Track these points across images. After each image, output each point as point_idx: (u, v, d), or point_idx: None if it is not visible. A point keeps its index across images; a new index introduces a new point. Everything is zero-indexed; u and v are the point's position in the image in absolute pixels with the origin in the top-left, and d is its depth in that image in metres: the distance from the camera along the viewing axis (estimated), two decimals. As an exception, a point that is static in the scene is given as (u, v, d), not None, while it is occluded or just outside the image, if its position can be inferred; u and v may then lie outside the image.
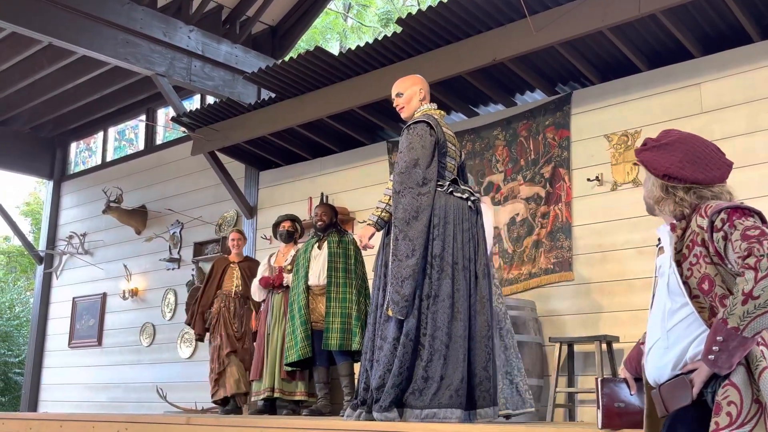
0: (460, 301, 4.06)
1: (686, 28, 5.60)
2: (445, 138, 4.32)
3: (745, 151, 5.28)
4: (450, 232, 4.13)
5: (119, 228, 10.38)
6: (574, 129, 6.27)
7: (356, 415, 4.11)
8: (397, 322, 4.02)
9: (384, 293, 4.14)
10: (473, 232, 4.24)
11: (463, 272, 4.11)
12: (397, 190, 4.14)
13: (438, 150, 4.23)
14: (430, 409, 3.91)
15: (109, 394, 10.05)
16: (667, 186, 2.27)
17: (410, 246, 4.00)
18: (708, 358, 1.99)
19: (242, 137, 8.08)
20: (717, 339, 1.97)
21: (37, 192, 21.11)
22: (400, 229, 4.04)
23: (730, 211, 2.10)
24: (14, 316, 15.93)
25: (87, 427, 5.18)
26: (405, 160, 4.15)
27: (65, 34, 7.67)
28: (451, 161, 4.37)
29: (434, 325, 3.99)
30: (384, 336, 4.05)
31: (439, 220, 4.13)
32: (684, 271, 2.16)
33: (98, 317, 10.55)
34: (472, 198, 4.31)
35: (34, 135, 11.80)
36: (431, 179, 4.15)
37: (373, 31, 18.69)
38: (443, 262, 4.07)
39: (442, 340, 3.97)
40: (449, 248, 4.10)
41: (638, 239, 5.71)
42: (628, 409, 2.46)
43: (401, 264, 3.99)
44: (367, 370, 4.19)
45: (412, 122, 4.33)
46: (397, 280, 3.98)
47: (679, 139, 2.31)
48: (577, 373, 5.79)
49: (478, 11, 5.90)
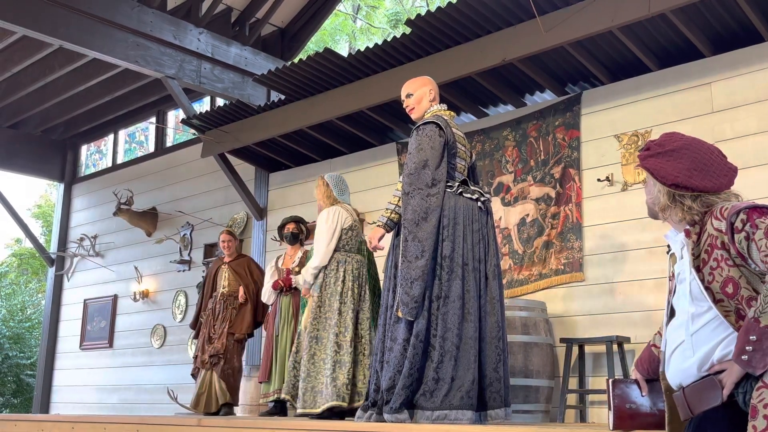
0: (471, 302, 4.05)
1: (697, 28, 5.57)
2: (455, 139, 4.32)
3: (756, 151, 5.25)
4: (460, 233, 4.13)
5: (130, 230, 10.42)
6: (584, 129, 6.25)
7: (367, 416, 4.11)
8: (407, 323, 4.01)
9: (394, 294, 4.13)
10: (483, 233, 4.24)
11: (474, 273, 4.11)
12: (407, 192, 4.14)
13: (447, 151, 4.23)
14: (441, 410, 3.91)
15: (120, 395, 10.08)
16: (675, 195, 2.24)
17: (419, 247, 3.99)
18: (741, 359, 1.96)
19: (252, 139, 8.10)
20: (750, 338, 1.95)
21: (48, 194, 21.22)
22: (410, 231, 4.04)
23: (749, 211, 2.08)
24: (26, 318, 16.01)
25: (98, 429, 5.20)
26: (414, 161, 4.16)
27: (76, 37, 7.71)
28: (461, 162, 4.36)
29: (444, 326, 3.98)
30: (394, 337, 4.04)
31: (449, 221, 4.12)
32: (705, 276, 2.13)
33: (109, 319, 10.59)
34: (482, 199, 4.31)
35: (45, 138, 11.87)
36: (440, 180, 4.14)
37: (382, 33, 18.70)
38: (453, 263, 4.07)
39: (452, 341, 3.96)
40: (459, 249, 4.10)
41: (649, 239, 5.69)
42: (639, 410, 2.44)
43: (410, 265, 3.98)
44: (377, 371, 4.19)
45: (421, 123, 4.33)
46: (406, 281, 3.98)
47: (684, 145, 2.28)
48: (588, 374, 5.77)
49: (487, 12, 5.89)
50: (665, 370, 2.26)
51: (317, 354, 5.09)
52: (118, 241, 10.79)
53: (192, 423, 4.70)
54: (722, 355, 2.07)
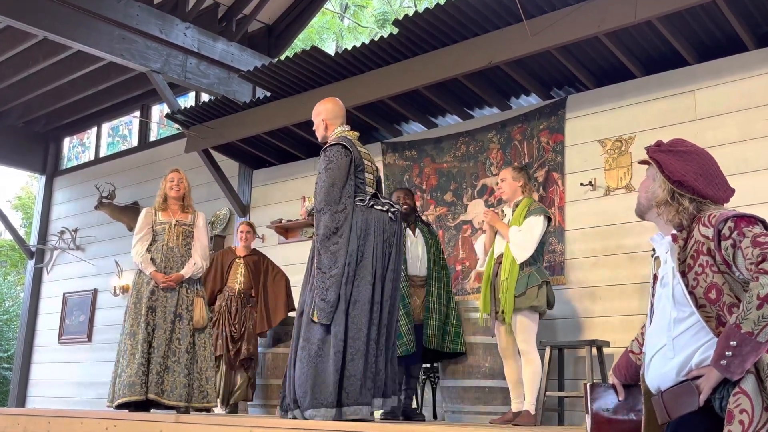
0: (376, 306, 4.38)
1: (682, 35, 5.61)
2: (361, 156, 4.62)
3: (737, 160, 5.30)
4: (371, 243, 4.45)
5: (111, 224, 10.34)
6: (569, 133, 6.29)
7: (291, 415, 4.34)
8: (322, 326, 4.31)
9: (310, 300, 4.43)
10: (391, 242, 4.55)
11: (380, 279, 4.45)
12: (318, 209, 4.47)
13: (355, 168, 4.54)
14: (358, 405, 4.22)
15: (98, 390, 10.00)
16: (675, 193, 2.27)
17: (332, 259, 4.34)
18: (720, 364, 1.98)
19: (236, 135, 8.07)
20: (730, 344, 1.96)
21: (29, 186, 21.04)
22: (322, 245, 4.38)
23: (736, 219, 2.11)
24: (4, 311, 15.89)
25: (75, 424, 5.16)
26: (323, 180, 4.47)
27: (60, 28, 7.64)
28: (369, 176, 4.67)
29: (356, 327, 4.30)
30: (309, 338, 4.33)
31: (361, 232, 4.44)
32: (690, 281, 2.15)
33: (89, 313, 10.52)
34: (392, 210, 4.61)
35: (27, 129, 11.76)
36: (347, 196, 4.47)
37: (370, 32, 18.70)
38: (364, 271, 4.39)
39: (362, 341, 4.28)
40: (369, 257, 4.41)
41: (631, 244, 5.73)
42: (616, 415, 2.46)
43: (324, 276, 4.33)
44: (291, 371, 4.44)
45: (328, 145, 4.62)
46: (321, 289, 4.31)
47: (695, 151, 2.33)
48: (567, 378, 5.79)
49: (474, 14, 5.90)
50: (645, 373, 2.28)
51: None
52: (99, 235, 10.72)
53: (170, 419, 4.68)
54: (701, 359, 2.09)
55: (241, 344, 6.52)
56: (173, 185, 5.80)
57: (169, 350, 5.44)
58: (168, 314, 5.50)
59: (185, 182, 5.90)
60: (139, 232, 5.74)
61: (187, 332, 5.53)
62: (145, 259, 5.61)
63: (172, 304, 5.54)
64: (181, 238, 5.73)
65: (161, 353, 5.38)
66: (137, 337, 5.41)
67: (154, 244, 5.70)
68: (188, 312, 5.59)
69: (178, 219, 5.75)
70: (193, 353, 5.54)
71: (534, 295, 4.71)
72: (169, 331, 5.45)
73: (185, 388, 5.39)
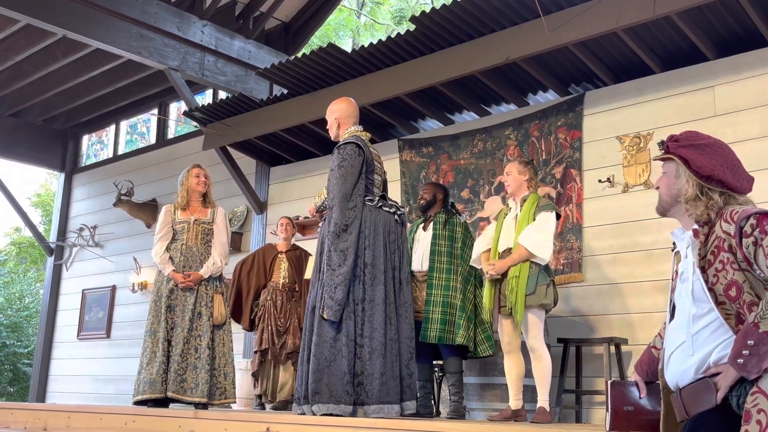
0: (390, 306, 4.43)
1: (701, 31, 5.57)
2: (372, 157, 4.67)
3: (758, 156, 5.26)
4: (380, 243, 4.49)
5: (130, 221, 10.42)
6: (586, 130, 6.26)
7: (299, 411, 4.37)
8: (332, 324, 4.32)
9: (320, 296, 4.43)
10: (398, 243, 4.62)
11: (392, 280, 4.49)
12: (330, 206, 4.50)
13: (366, 168, 4.59)
14: (378, 404, 4.22)
15: (116, 386, 10.09)
16: (705, 187, 2.23)
17: (341, 256, 4.36)
18: (737, 362, 1.97)
19: (254, 133, 8.10)
20: (747, 343, 1.95)
21: (48, 184, 21.22)
22: (332, 242, 4.39)
23: (759, 216, 2.08)
24: (24, 307, 16.03)
25: (95, 419, 5.20)
26: (336, 177, 4.50)
27: (79, 26, 7.69)
28: (378, 177, 4.73)
29: (371, 326, 4.32)
30: (321, 335, 4.34)
31: (370, 232, 4.48)
32: (709, 278, 2.13)
33: (107, 309, 10.60)
34: (399, 212, 4.68)
35: (46, 127, 11.86)
36: (358, 195, 4.51)
37: (386, 29, 18.69)
38: (375, 270, 4.43)
39: (379, 341, 4.31)
40: (380, 257, 4.46)
41: (649, 241, 5.70)
42: (636, 412, 2.45)
43: (334, 273, 4.34)
44: (304, 366, 4.45)
45: (342, 143, 4.64)
46: (330, 287, 4.33)
47: (715, 143, 2.29)
48: (585, 375, 5.78)
49: (491, 10, 5.88)
50: (664, 369, 2.27)
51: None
52: (117, 231, 10.79)
53: (188, 415, 4.71)
54: (719, 357, 2.07)
55: (287, 338, 6.58)
56: (200, 180, 5.82)
57: (189, 347, 5.48)
58: (186, 312, 5.54)
59: (209, 177, 5.94)
60: (159, 232, 5.81)
61: (207, 329, 5.56)
62: (164, 259, 5.67)
63: (190, 302, 5.58)
64: (200, 237, 5.76)
65: (179, 351, 5.42)
66: (157, 336, 5.47)
67: (174, 243, 5.75)
68: (208, 309, 5.62)
69: (197, 217, 5.78)
70: (213, 349, 5.57)
71: (543, 293, 4.74)
72: (187, 329, 5.49)
73: (207, 384, 5.43)
